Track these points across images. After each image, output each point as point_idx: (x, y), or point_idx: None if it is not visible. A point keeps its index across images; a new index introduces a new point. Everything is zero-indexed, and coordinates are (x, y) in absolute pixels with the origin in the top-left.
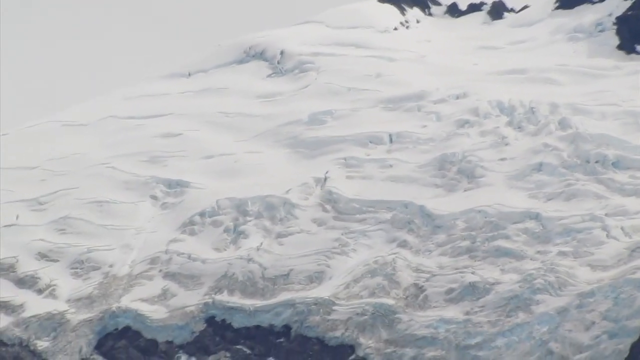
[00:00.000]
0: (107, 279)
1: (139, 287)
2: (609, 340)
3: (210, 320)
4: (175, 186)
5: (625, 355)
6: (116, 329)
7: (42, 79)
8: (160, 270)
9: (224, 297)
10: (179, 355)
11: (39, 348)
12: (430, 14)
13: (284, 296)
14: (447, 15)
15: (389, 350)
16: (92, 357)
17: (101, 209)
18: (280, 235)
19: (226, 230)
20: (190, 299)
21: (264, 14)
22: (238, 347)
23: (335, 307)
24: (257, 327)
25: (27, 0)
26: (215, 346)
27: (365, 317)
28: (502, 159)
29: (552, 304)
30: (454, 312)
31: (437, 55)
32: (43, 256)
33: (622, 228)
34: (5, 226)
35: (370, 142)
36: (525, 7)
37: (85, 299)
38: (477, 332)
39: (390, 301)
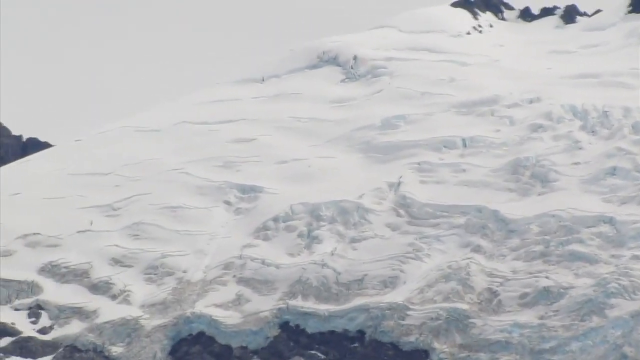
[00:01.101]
0: (181, 285)
1: (213, 292)
2: None
3: (284, 326)
4: (249, 191)
5: None
6: (190, 335)
7: (116, 84)
8: (234, 276)
9: (298, 302)
10: None
11: (113, 354)
12: (502, 18)
13: (358, 301)
14: (519, 19)
15: (462, 355)
16: None
17: (175, 215)
18: (354, 240)
19: (300, 235)
20: (264, 304)
21: (337, 19)
22: (312, 352)
23: (409, 312)
24: (331, 332)
25: (101, 4)
26: (289, 351)
27: (440, 321)
28: (576, 163)
29: (626, 307)
30: (528, 317)
31: (510, 59)
32: (117, 262)
33: None
34: (79, 232)
35: (444, 146)
36: (598, 10)
37: (159, 304)
38: (551, 336)
39: (464, 306)
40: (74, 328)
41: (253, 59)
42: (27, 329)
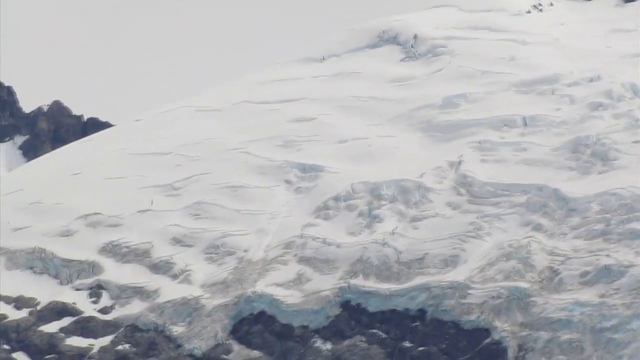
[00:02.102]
0: (241, 264)
1: (274, 271)
2: None
3: (345, 305)
4: (310, 170)
5: None
6: (251, 314)
7: (176, 64)
8: (295, 255)
9: (359, 281)
10: (314, 339)
11: (174, 333)
12: None
13: (419, 280)
14: None
15: (524, 334)
16: (227, 342)
17: (235, 194)
18: (414, 219)
19: (361, 215)
20: (325, 284)
21: None
22: (373, 331)
23: (470, 291)
24: (392, 311)
25: None
26: (350, 330)
27: (500, 300)
28: (636, 142)
29: None
30: (588, 295)
31: (570, 38)
32: (177, 241)
33: None
34: (140, 212)
35: (505, 125)
36: None
37: (220, 284)
38: (612, 314)
39: (525, 284)
40: (134, 308)
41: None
42: (88, 308)
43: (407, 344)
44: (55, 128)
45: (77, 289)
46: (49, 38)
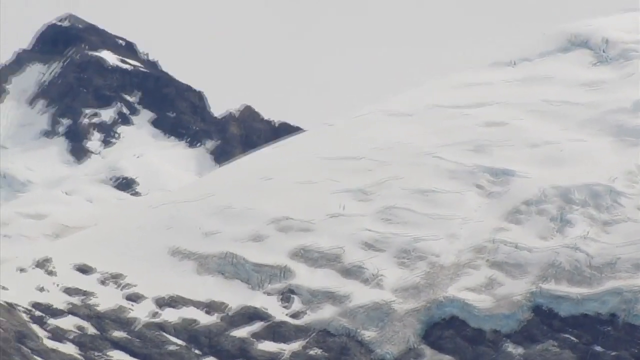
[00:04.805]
0: (433, 269)
1: (465, 276)
2: None
3: (536, 309)
4: (501, 175)
5: None
6: (443, 319)
7: (366, 68)
8: (487, 260)
9: (550, 286)
10: (505, 344)
11: (366, 338)
12: None
13: (610, 284)
14: None
15: None
16: (419, 346)
17: (426, 199)
18: (606, 224)
19: (552, 219)
20: (517, 288)
21: (588, 1)
22: (565, 335)
23: None
24: (584, 315)
25: None
26: (542, 335)
27: None
28: None
29: None
30: None
31: None
32: (369, 246)
33: None
34: (331, 216)
35: None
36: None
37: (412, 288)
38: None
39: None
40: (326, 313)
41: (504, 42)
42: (279, 313)
43: (598, 349)
44: (246, 133)
45: (268, 294)
46: (239, 43)
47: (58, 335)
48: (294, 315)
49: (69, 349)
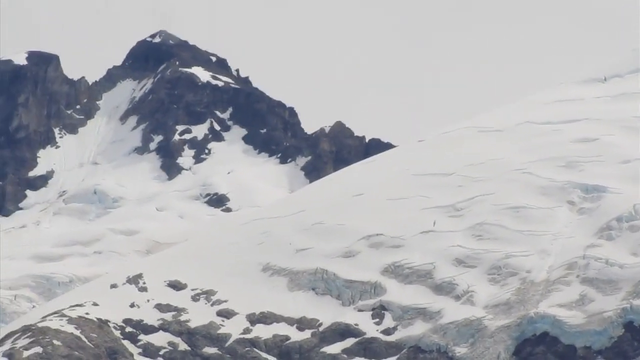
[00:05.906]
0: (524, 285)
1: (557, 292)
2: None
3: (628, 325)
4: (592, 191)
5: None
6: (534, 335)
7: (457, 85)
8: (578, 276)
9: None
10: None
11: (457, 355)
12: None
13: None
14: None
15: None
16: None
17: (518, 215)
18: None
19: None
20: (608, 304)
21: None
22: None
23: None
24: None
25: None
26: (633, 351)
27: None
28: None
29: None
30: None
31: None
32: (460, 262)
33: None
34: (423, 232)
35: None
36: None
37: (503, 304)
38: None
39: None
40: (417, 329)
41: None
42: (371, 329)
43: None
44: (338, 149)
45: (360, 310)
46: (331, 59)
47: (150, 351)
48: (385, 332)
49: None
